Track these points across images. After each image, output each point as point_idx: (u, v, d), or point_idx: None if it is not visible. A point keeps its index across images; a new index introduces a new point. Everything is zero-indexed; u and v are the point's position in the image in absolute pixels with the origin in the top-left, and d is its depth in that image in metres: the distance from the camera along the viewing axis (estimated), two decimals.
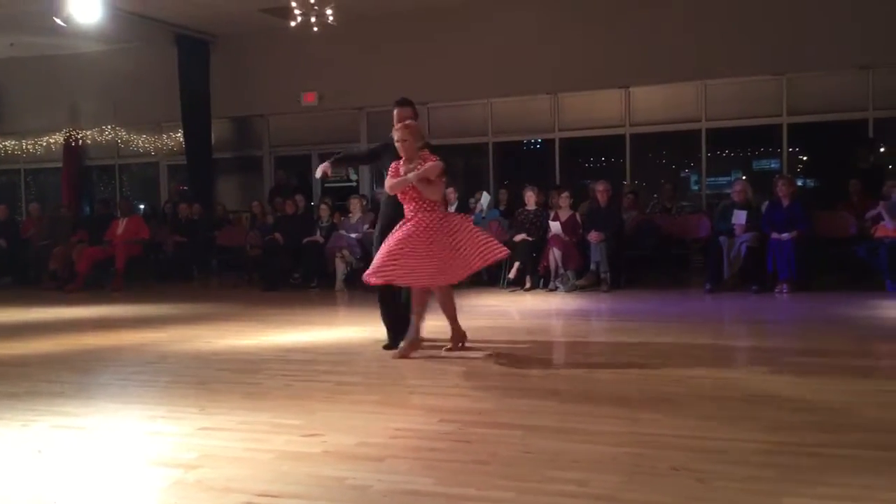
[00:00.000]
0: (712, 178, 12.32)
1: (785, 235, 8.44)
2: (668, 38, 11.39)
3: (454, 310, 5.37)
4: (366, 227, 10.54)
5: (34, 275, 12.22)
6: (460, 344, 5.44)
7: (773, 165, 12.18)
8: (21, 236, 12.66)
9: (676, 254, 10.01)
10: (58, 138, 15.00)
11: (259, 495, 2.74)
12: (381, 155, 5.62)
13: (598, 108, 12.36)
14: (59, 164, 15.19)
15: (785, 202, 8.78)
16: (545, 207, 10.15)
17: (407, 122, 5.32)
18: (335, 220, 10.97)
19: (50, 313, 8.54)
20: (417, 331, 5.29)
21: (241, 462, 3.13)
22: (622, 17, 11.70)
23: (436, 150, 5.47)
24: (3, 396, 4.41)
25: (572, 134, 12.53)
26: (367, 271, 5.18)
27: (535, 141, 13.35)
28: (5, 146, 15.45)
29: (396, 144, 5.22)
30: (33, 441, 3.52)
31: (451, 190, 11.12)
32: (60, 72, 14.59)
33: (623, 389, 4.20)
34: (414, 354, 5.25)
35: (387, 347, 5.49)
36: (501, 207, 11.06)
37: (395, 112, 5.56)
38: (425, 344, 5.43)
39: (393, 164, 5.25)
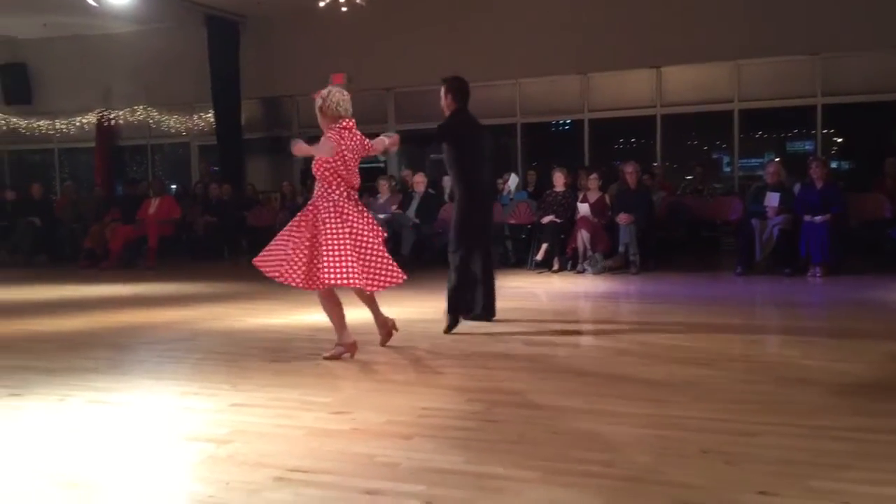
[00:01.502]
0: (745, 160, 12.15)
1: (818, 218, 8.31)
2: (701, 17, 11.21)
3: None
4: (393, 207, 10.57)
5: (69, 253, 12.43)
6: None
7: (807, 147, 12.00)
8: (55, 214, 12.88)
9: (707, 236, 9.91)
10: (90, 118, 15.18)
11: (291, 470, 2.78)
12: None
13: (628, 89, 12.22)
14: (92, 144, 15.39)
15: (818, 184, 8.63)
16: (573, 189, 10.09)
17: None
18: (363, 201, 10.98)
19: (84, 291, 8.68)
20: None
21: (271, 438, 3.17)
22: None
23: None
24: (40, 372, 4.51)
25: (602, 115, 12.40)
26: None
27: (564, 122, 13.25)
28: (39, 126, 15.66)
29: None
30: (69, 416, 3.59)
31: None
32: (92, 52, 14.74)
33: (652, 372, 4.18)
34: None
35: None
36: (530, 189, 11.02)
37: None
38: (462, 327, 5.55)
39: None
